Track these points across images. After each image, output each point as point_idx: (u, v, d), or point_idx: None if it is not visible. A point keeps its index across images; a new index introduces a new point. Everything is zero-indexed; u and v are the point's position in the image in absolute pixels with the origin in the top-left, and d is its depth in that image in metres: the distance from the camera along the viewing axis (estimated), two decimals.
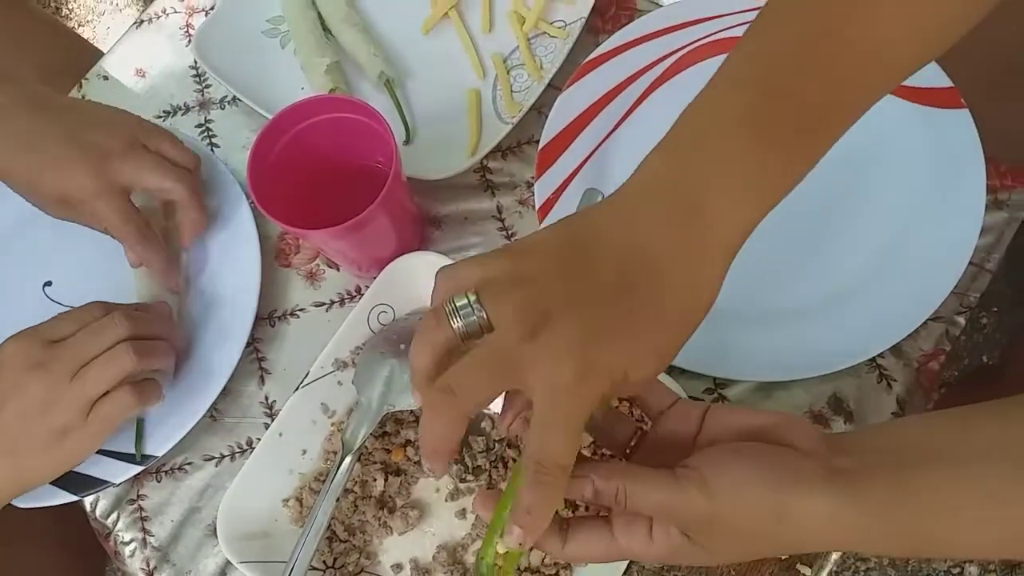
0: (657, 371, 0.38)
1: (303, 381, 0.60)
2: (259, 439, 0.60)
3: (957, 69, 0.60)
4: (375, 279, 0.61)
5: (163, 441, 0.61)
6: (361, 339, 0.61)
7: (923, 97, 0.60)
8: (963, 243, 0.57)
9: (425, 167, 0.64)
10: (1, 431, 0.54)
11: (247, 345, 0.63)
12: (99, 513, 0.63)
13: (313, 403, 0.60)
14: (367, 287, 0.62)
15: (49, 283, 0.69)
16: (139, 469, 0.61)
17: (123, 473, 0.61)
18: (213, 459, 0.63)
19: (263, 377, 0.65)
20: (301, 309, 0.67)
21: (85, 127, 0.60)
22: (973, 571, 1.10)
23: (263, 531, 0.57)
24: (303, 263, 0.68)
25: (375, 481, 0.58)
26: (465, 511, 0.58)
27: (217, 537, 0.56)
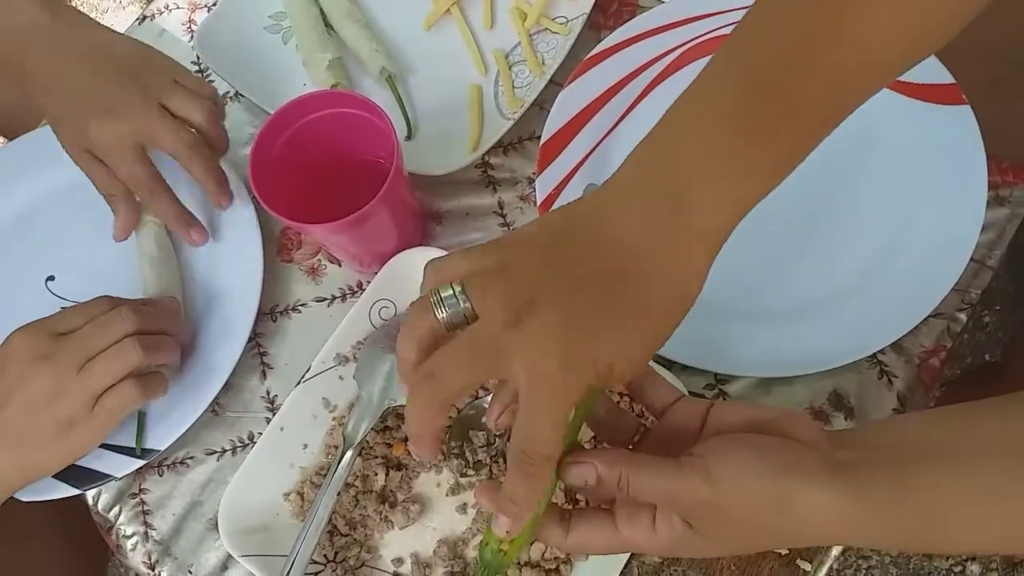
0: (642, 363, 0.38)
1: (304, 376, 0.60)
2: (260, 433, 0.60)
3: (958, 65, 0.59)
4: (377, 274, 0.61)
5: (165, 435, 0.61)
6: (362, 334, 0.61)
7: (924, 93, 0.60)
8: (964, 239, 0.57)
9: (427, 162, 0.65)
10: (7, 423, 0.54)
11: (249, 340, 0.63)
12: (101, 507, 0.64)
13: (314, 398, 0.60)
14: (368, 282, 0.62)
15: (52, 278, 0.69)
16: (141, 463, 0.61)
17: (125, 467, 0.61)
18: (215, 453, 0.64)
19: (265, 372, 0.65)
20: (303, 304, 0.67)
21: (110, 77, 0.60)
22: (975, 569, 1.09)
23: (264, 525, 0.58)
24: (305, 258, 0.68)
25: (376, 475, 0.58)
26: (466, 506, 0.58)
27: (218, 531, 0.57)
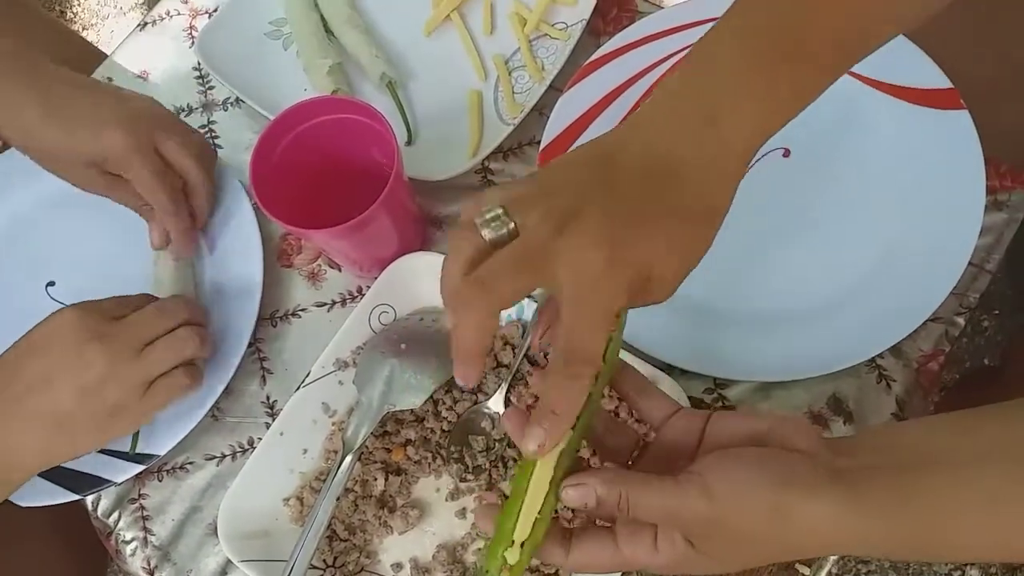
0: (679, 275, 0.39)
1: (304, 381, 0.60)
2: (260, 438, 0.60)
3: (957, 70, 0.60)
4: (376, 279, 0.61)
5: (165, 440, 0.61)
6: (362, 339, 0.61)
7: (923, 98, 0.61)
8: (963, 244, 0.57)
9: (427, 168, 0.65)
10: (51, 404, 0.52)
11: (248, 345, 0.63)
12: (100, 512, 0.64)
13: (314, 402, 0.60)
14: (368, 287, 0.62)
15: (52, 283, 0.69)
16: (140, 468, 0.61)
17: (125, 472, 0.61)
18: (214, 458, 0.64)
19: (264, 377, 0.65)
20: (303, 309, 0.67)
21: (114, 96, 0.60)
22: (974, 573, 1.09)
23: (264, 530, 0.58)
24: (305, 263, 0.68)
25: (375, 480, 0.58)
26: (465, 511, 0.58)
27: (218, 536, 0.56)
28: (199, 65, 0.76)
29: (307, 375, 0.60)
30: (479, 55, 0.71)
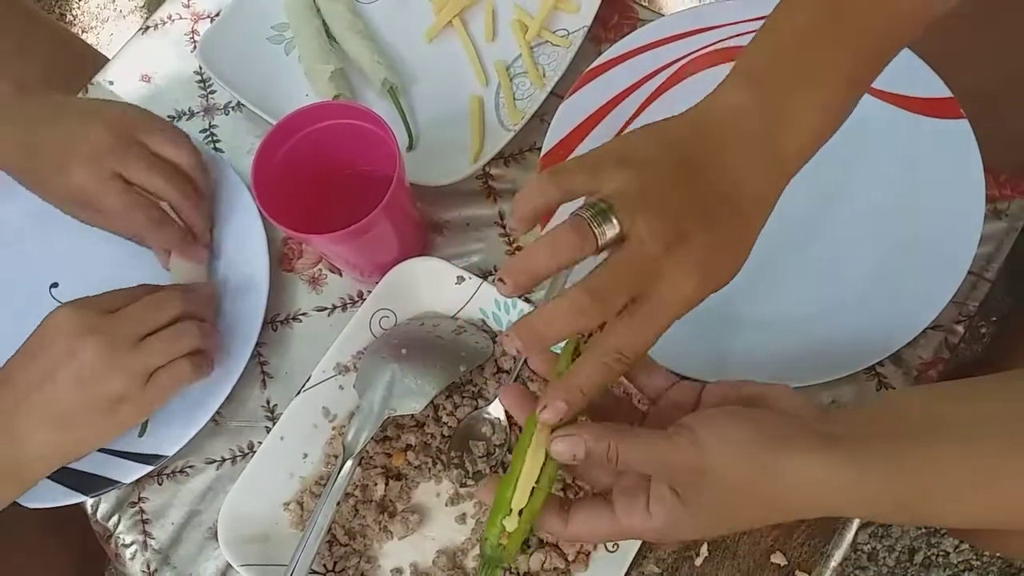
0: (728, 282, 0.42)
1: (305, 385, 0.60)
2: (260, 443, 0.60)
3: (957, 79, 0.60)
4: (377, 284, 0.61)
5: (169, 443, 0.61)
6: (363, 343, 0.61)
7: (923, 107, 0.61)
8: (962, 252, 0.57)
9: (428, 173, 0.65)
10: (54, 399, 0.53)
11: None
12: (100, 515, 0.64)
13: (314, 407, 0.60)
14: (369, 292, 0.62)
15: (56, 284, 0.69)
16: (148, 469, 0.61)
17: (132, 473, 0.61)
18: (214, 462, 0.64)
19: (265, 381, 0.65)
20: (303, 313, 0.67)
21: (82, 125, 0.60)
22: None
23: (264, 534, 0.58)
24: (306, 268, 0.69)
25: (376, 485, 0.58)
26: (465, 516, 0.58)
27: (218, 540, 0.57)
28: (201, 69, 0.76)
29: (308, 379, 0.60)
30: (480, 61, 0.72)
